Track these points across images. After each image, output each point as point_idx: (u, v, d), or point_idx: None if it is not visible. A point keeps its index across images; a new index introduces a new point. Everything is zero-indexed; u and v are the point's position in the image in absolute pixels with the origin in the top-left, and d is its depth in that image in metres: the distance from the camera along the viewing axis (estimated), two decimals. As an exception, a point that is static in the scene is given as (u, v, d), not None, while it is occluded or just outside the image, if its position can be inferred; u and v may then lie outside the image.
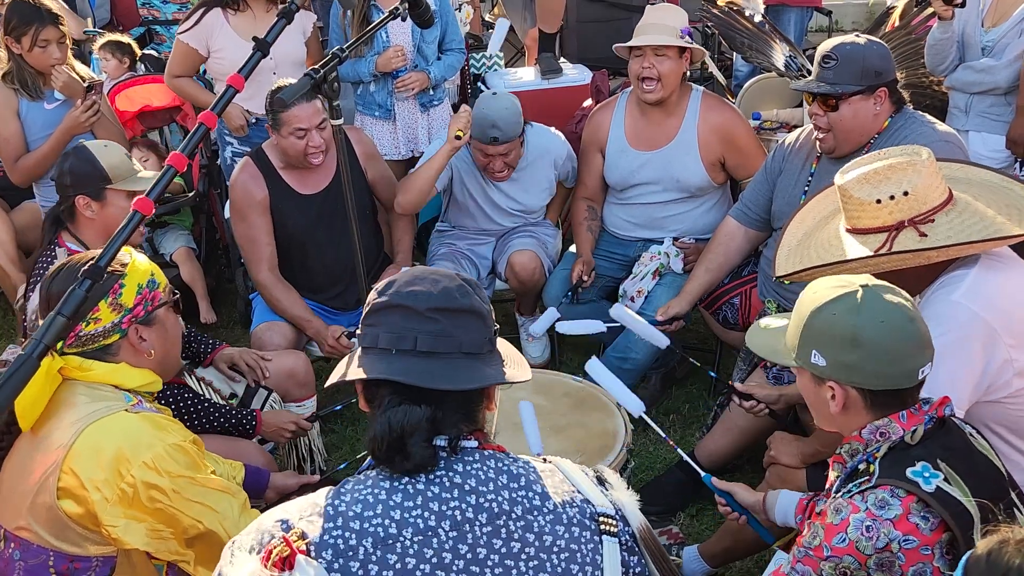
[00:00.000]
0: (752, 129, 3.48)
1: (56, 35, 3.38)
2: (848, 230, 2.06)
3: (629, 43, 3.25)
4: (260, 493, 2.30)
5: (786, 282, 2.80)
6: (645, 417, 2.40)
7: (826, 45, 2.69)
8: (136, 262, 1.95)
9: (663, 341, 2.45)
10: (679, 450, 2.45)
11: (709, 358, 3.67)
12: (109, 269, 1.86)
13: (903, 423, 1.65)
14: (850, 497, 1.62)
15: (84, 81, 3.56)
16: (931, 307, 1.97)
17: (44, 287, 1.93)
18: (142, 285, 1.93)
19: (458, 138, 3.18)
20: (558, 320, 2.98)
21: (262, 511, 2.07)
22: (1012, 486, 1.70)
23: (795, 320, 1.73)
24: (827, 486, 1.80)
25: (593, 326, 2.86)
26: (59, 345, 1.85)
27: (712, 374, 2.92)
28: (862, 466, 1.68)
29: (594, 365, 2.45)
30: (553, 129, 3.63)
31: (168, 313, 2.01)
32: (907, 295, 1.69)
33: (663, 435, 2.43)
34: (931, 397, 1.69)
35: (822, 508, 1.67)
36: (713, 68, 4.60)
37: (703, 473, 2.29)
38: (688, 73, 3.37)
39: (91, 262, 1.79)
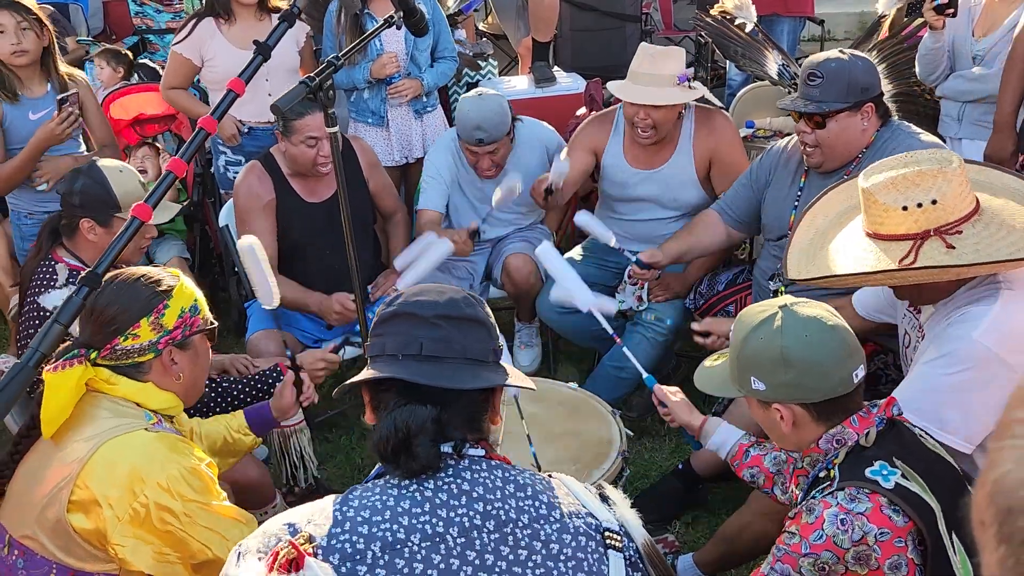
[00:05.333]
0: (739, 138, 3.46)
1: (13, 21, 3.21)
2: (869, 234, 1.98)
3: (626, 99, 3.18)
4: (268, 424, 2.34)
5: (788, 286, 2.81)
6: (595, 312, 2.46)
7: (811, 62, 2.67)
8: (184, 285, 1.96)
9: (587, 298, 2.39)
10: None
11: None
12: (159, 288, 1.89)
13: (855, 427, 1.70)
14: (821, 497, 1.66)
15: (77, 83, 3.50)
16: (950, 343, 1.93)
17: (92, 302, 1.88)
18: (184, 309, 1.94)
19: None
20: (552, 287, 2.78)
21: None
22: (969, 482, 1.75)
23: (731, 353, 1.80)
24: (793, 500, 1.84)
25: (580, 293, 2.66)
26: (93, 355, 1.86)
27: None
28: (823, 473, 1.73)
29: (545, 249, 2.38)
30: (544, 123, 3.64)
31: (203, 341, 2.02)
32: (824, 306, 1.75)
33: (611, 332, 2.57)
34: (878, 401, 1.75)
35: (796, 512, 1.70)
36: (711, 96, 4.57)
37: (645, 375, 2.41)
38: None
39: (89, 271, 1.79)
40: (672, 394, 2.30)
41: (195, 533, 1.80)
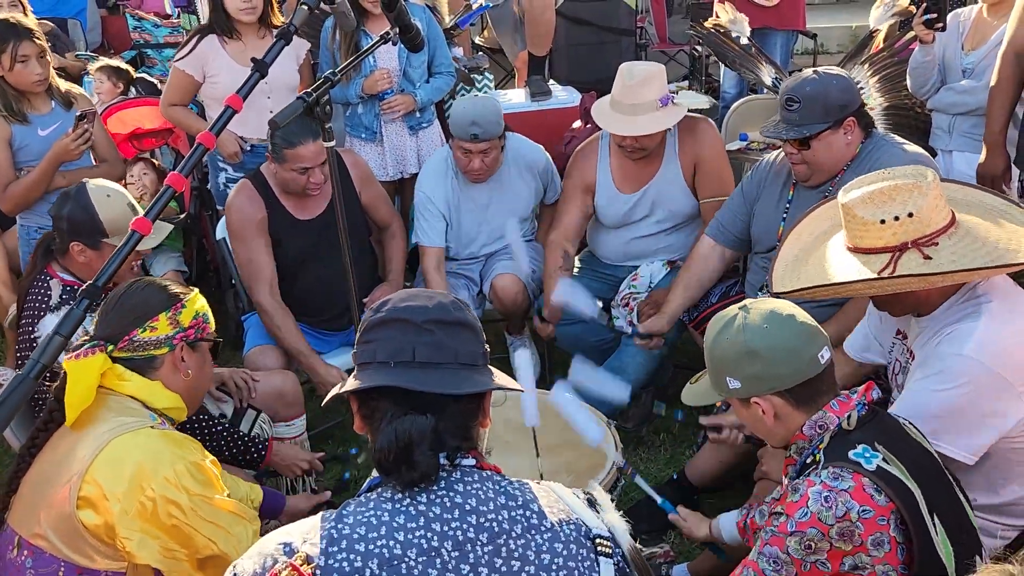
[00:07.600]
0: (721, 142, 3.46)
1: (35, 50, 3.32)
2: (850, 248, 2.04)
3: (611, 131, 3.21)
4: (276, 514, 2.35)
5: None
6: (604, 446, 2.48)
7: (787, 87, 2.71)
8: (197, 296, 2.12)
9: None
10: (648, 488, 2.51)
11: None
12: (176, 291, 2.04)
13: (836, 411, 1.78)
14: (805, 477, 1.73)
15: (76, 99, 3.54)
16: (941, 361, 1.97)
17: (113, 301, 2.01)
18: (199, 313, 2.10)
19: None
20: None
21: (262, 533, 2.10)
22: (950, 473, 1.82)
23: (706, 360, 1.90)
24: (782, 490, 1.88)
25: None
26: (110, 348, 1.94)
27: (678, 416, 2.84)
28: (809, 459, 1.79)
29: (563, 392, 2.38)
30: (530, 141, 3.66)
31: (207, 351, 2.14)
32: (779, 301, 1.86)
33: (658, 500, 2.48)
34: (857, 388, 1.81)
35: (781, 493, 1.77)
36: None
37: (660, 500, 2.44)
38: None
39: (90, 284, 1.83)
40: (683, 518, 2.38)
41: (200, 527, 1.84)
